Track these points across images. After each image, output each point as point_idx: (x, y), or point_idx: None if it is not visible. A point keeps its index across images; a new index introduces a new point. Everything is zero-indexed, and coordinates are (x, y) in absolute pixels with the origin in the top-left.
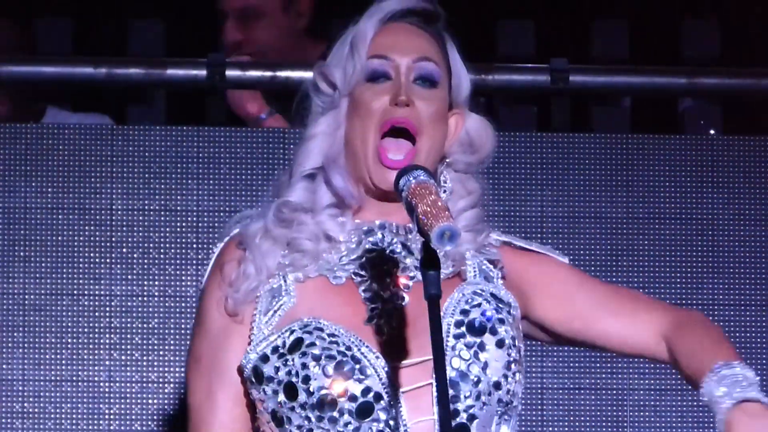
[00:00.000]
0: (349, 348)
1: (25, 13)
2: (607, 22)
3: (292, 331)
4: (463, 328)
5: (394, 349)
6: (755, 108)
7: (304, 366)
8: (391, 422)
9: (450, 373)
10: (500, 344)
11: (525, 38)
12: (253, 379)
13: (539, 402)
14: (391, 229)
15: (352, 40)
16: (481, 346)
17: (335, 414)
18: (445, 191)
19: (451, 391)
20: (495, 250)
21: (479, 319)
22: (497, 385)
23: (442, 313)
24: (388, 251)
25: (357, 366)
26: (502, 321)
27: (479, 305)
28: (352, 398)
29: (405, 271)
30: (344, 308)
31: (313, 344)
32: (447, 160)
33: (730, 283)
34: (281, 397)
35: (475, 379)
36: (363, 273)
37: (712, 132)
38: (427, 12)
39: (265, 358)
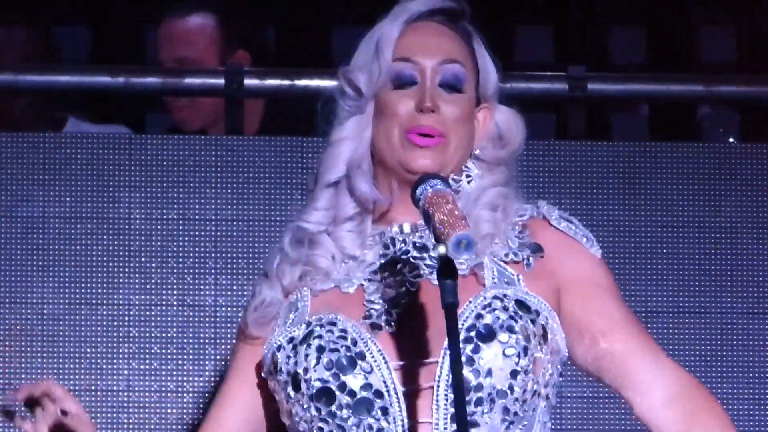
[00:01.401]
0: (355, 343)
1: (44, 21)
2: (624, 29)
3: (308, 324)
4: (473, 333)
5: (403, 349)
6: None
7: (307, 357)
8: (390, 421)
9: (448, 378)
10: (505, 352)
11: (542, 46)
12: (272, 369)
13: (558, 411)
14: (411, 229)
15: (377, 42)
16: (486, 353)
17: (333, 408)
18: (469, 176)
19: (450, 395)
20: (523, 220)
21: (489, 324)
22: (501, 394)
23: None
24: (400, 255)
25: (360, 362)
26: (511, 329)
27: (494, 310)
28: (351, 393)
29: (417, 272)
30: (353, 309)
31: (320, 336)
32: (476, 153)
33: (749, 291)
34: (289, 389)
35: (476, 385)
36: (375, 278)
37: (731, 140)
38: (452, 10)
39: (280, 348)
